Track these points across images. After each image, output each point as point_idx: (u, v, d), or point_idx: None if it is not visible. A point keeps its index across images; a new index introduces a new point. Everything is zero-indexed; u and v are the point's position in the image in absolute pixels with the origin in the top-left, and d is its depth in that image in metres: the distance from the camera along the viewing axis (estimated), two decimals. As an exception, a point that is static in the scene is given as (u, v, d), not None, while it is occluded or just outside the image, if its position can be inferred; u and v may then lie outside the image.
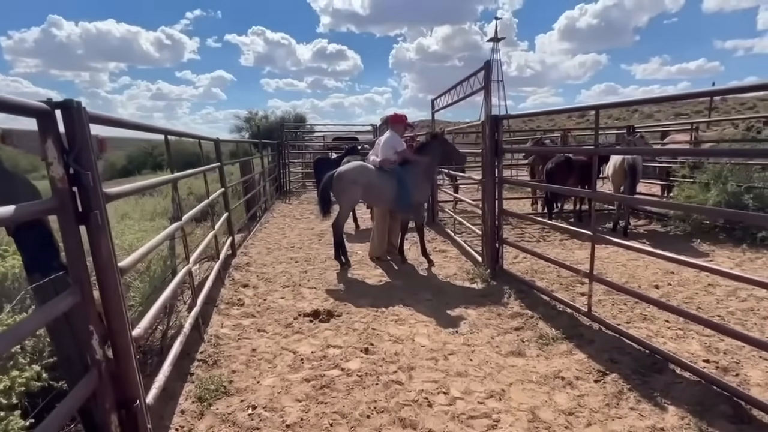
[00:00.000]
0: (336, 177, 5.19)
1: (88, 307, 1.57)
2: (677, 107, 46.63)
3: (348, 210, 5.45)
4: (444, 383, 2.73)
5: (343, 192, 5.18)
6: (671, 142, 9.10)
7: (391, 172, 5.16)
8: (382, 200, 5.32)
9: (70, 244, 1.53)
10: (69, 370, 1.89)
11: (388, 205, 5.35)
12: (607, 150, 6.37)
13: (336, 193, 5.26)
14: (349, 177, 5.14)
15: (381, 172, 5.19)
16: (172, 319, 3.09)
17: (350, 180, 5.13)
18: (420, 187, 5.28)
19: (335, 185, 5.20)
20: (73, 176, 1.53)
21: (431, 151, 5.33)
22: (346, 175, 5.16)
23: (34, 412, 1.97)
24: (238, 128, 36.55)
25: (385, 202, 5.30)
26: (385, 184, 5.12)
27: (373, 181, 5.13)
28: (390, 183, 5.11)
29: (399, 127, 5.45)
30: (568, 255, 5.66)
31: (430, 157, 5.30)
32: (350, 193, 5.17)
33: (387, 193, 5.13)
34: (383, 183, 5.13)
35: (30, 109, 1.40)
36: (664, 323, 3.47)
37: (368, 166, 5.31)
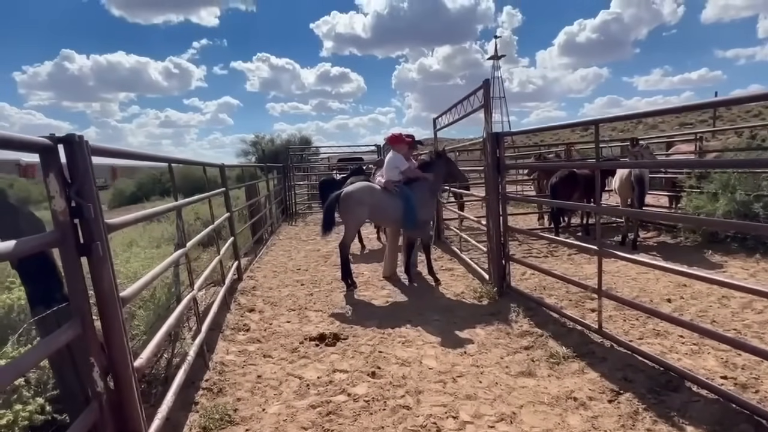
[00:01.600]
0: (343, 197, 5.19)
1: (90, 339, 1.56)
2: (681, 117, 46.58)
3: (354, 230, 5.43)
4: (453, 407, 2.66)
5: (349, 212, 5.18)
6: (676, 152, 9.06)
7: (396, 191, 5.17)
8: (388, 220, 5.34)
9: (71, 276, 1.54)
10: (71, 402, 1.88)
11: (394, 224, 5.36)
12: (609, 164, 6.35)
13: (342, 213, 5.25)
14: (356, 197, 5.15)
15: (387, 192, 5.22)
16: (176, 347, 3.07)
17: (357, 200, 5.14)
18: (425, 205, 5.27)
19: (342, 205, 5.19)
20: (74, 209, 1.55)
21: (435, 169, 5.35)
22: (353, 195, 5.16)
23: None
24: (244, 152, 37.11)
25: (391, 221, 5.32)
26: (390, 203, 5.14)
27: (379, 201, 5.15)
28: (395, 202, 5.12)
29: (400, 146, 5.48)
30: (576, 270, 5.58)
31: (434, 174, 5.31)
32: (357, 213, 5.18)
33: (393, 212, 5.15)
34: (389, 202, 5.14)
35: (33, 145, 1.44)
36: (678, 338, 3.38)
37: (374, 186, 5.32)
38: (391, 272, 5.73)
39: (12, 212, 1.75)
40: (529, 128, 6.38)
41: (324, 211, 5.41)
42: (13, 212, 1.76)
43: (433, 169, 5.34)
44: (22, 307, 2.61)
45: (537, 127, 5.22)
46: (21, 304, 2.61)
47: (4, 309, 2.57)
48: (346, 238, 5.35)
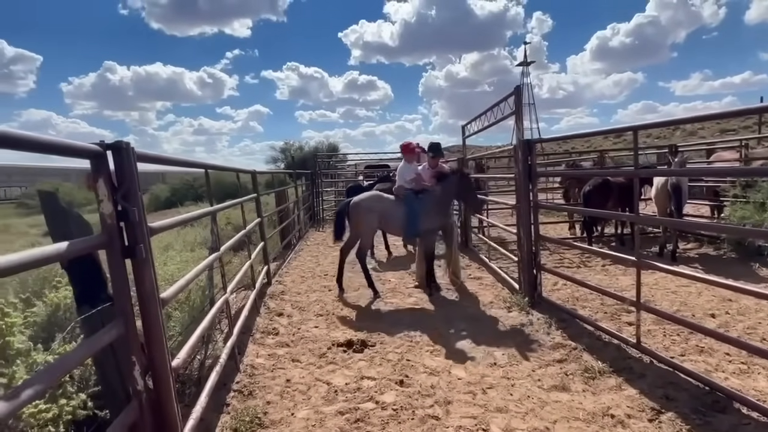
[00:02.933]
0: (352, 206, 5.33)
1: (132, 338, 1.62)
2: (723, 123, 44.49)
3: (368, 238, 5.50)
4: (483, 419, 2.60)
5: (359, 220, 5.29)
6: (718, 160, 8.64)
7: (403, 199, 5.27)
8: (397, 228, 5.38)
9: (116, 278, 1.60)
10: (112, 399, 1.95)
11: (401, 233, 5.44)
12: (647, 172, 6.10)
13: (353, 221, 5.36)
14: (365, 205, 5.28)
15: (396, 200, 5.32)
16: (209, 349, 3.15)
17: (366, 208, 5.25)
18: (430, 216, 5.19)
19: (352, 213, 5.31)
20: (120, 212, 1.62)
21: (449, 184, 5.24)
22: (362, 203, 5.30)
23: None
24: (273, 159, 37.87)
25: (400, 229, 5.37)
26: (398, 211, 5.22)
27: (388, 209, 5.25)
28: (402, 210, 5.21)
29: (409, 156, 5.58)
30: (611, 281, 5.38)
31: (446, 189, 5.22)
32: (367, 221, 5.27)
33: (400, 220, 5.22)
34: (398, 211, 5.22)
35: (85, 151, 1.51)
36: (724, 356, 3.20)
37: (383, 195, 5.45)
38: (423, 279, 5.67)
39: (63, 215, 1.84)
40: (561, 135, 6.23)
41: (335, 219, 5.57)
42: (64, 215, 1.85)
43: (446, 184, 5.24)
44: (68, 306, 2.73)
45: (570, 134, 5.08)
46: (67, 303, 2.74)
47: (52, 307, 2.70)
48: (363, 246, 5.44)
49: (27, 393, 1.07)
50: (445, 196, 5.29)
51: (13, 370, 2.04)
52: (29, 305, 2.70)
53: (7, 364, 2.13)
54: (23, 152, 1.36)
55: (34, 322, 2.61)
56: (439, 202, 5.24)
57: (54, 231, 1.86)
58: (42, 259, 1.24)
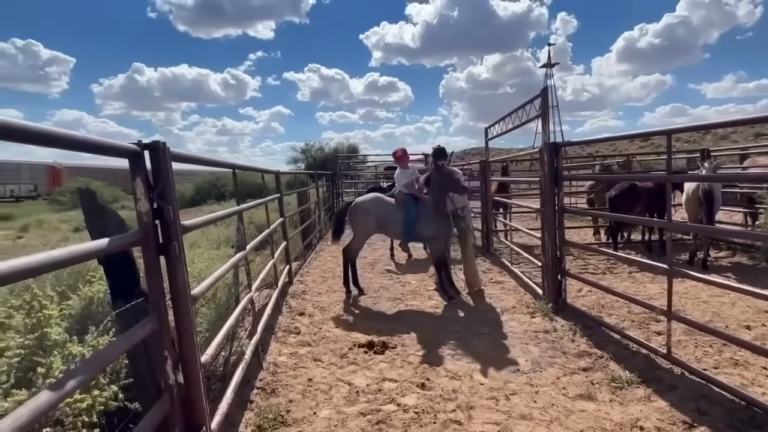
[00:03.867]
0: (352, 207, 5.40)
1: (165, 333, 1.66)
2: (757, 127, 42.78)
3: (362, 239, 5.46)
4: (507, 426, 2.56)
5: (356, 221, 5.34)
6: (753, 165, 8.30)
7: (402, 203, 5.25)
8: (396, 232, 5.38)
9: (151, 274, 1.64)
10: (143, 392, 2.00)
11: (399, 237, 5.44)
12: (680, 177, 5.91)
13: (351, 221, 5.42)
14: (363, 207, 5.32)
15: (396, 204, 5.29)
16: (234, 346, 3.20)
17: (364, 210, 5.30)
18: (429, 221, 5.08)
19: (350, 214, 5.37)
20: (156, 210, 1.66)
21: (435, 183, 5.08)
22: (361, 205, 5.35)
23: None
24: (294, 159, 38.39)
25: (398, 233, 5.37)
26: (397, 215, 5.20)
27: (387, 213, 5.24)
28: (400, 215, 5.19)
29: (403, 162, 5.58)
30: (638, 289, 5.23)
31: (433, 189, 5.07)
32: (364, 223, 5.29)
33: (398, 224, 5.20)
34: (396, 215, 5.21)
35: (124, 150, 1.56)
36: (761, 370, 3.07)
37: (384, 198, 5.40)
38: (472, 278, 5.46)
39: (100, 211, 1.90)
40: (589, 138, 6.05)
41: (335, 219, 5.63)
42: (101, 211, 1.91)
43: (434, 184, 5.09)
44: (100, 300, 2.82)
45: (598, 138, 4.98)
46: (100, 296, 2.83)
47: (86, 301, 2.80)
48: (353, 244, 5.43)
49: (71, 383, 1.11)
50: (437, 198, 5.07)
51: (51, 361, 2.13)
52: (65, 298, 2.80)
53: (44, 354, 2.21)
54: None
55: (69, 314, 2.70)
56: (434, 205, 5.08)
57: (92, 227, 1.93)
58: (86, 255, 1.28)
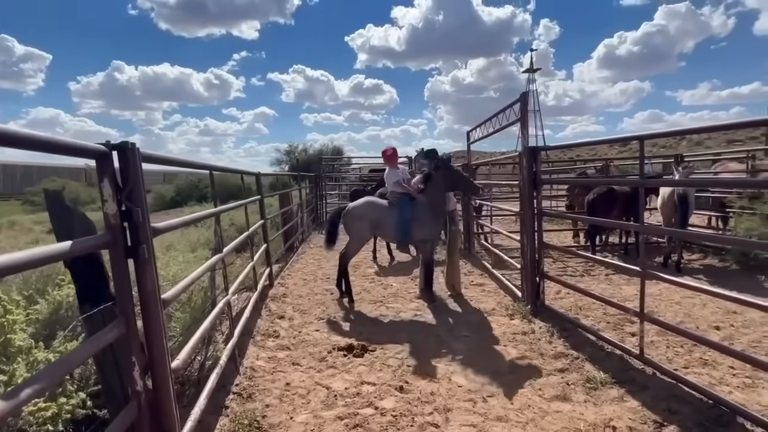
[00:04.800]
0: (345, 213, 5.24)
1: (132, 338, 1.62)
2: (730, 134, 44.27)
3: (357, 245, 5.31)
4: (483, 428, 2.58)
5: (351, 228, 5.20)
6: (724, 171, 8.58)
7: (396, 204, 5.11)
8: (391, 234, 5.23)
9: (118, 277, 1.60)
10: (111, 399, 1.95)
11: (395, 238, 5.23)
12: (654, 181, 6.08)
13: (346, 228, 5.26)
14: (357, 213, 5.16)
15: (390, 207, 5.14)
16: (209, 350, 3.14)
17: (357, 216, 5.13)
18: (424, 222, 4.98)
19: (344, 221, 5.22)
20: (124, 212, 1.62)
21: (436, 182, 5.00)
22: (354, 211, 5.19)
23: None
24: (278, 161, 38.07)
25: (393, 235, 5.21)
26: (391, 217, 5.06)
27: (381, 216, 5.10)
28: (395, 216, 5.06)
29: (392, 162, 5.48)
30: (614, 291, 5.34)
31: (434, 188, 4.99)
32: (359, 229, 5.15)
33: (393, 226, 5.06)
34: (390, 217, 5.07)
35: (90, 151, 1.52)
36: (728, 370, 3.16)
37: (378, 202, 5.28)
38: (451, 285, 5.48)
39: (67, 213, 1.84)
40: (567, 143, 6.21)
41: (327, 226, 5.45)
42: (69, 213, 1.85)
43: (433, 184, 5.00)
44: (69, 304, 2.74)
45: (576, 142, 5.08)
46: (69, 300, 2.75)
47: (54, 305, 2.71)
48: (348, 250, 5.27)
49: (27, 392, 1.07)
50: (436, 197, 5.01)
51: (14, 368, 2.05)
52: (32, 303, 2.71)
53: (8, 361, 2.13)
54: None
55: (36, 319, 2.62)
56: (432, 205, 5.00)
57: (58, 229, 1.87)
58: (47, 258, 1.24)
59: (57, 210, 1.88)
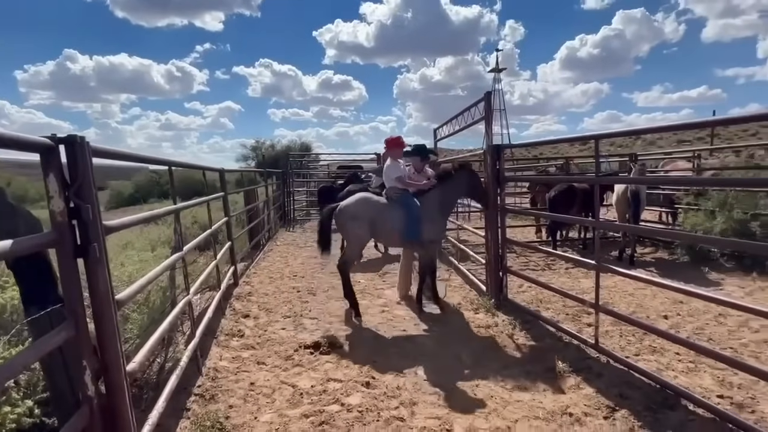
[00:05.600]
0: (337, 213, 4.52)
1: (83, 341, 1.55)
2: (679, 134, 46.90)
3: (357, 248, 4.65)
4: (447, 419, 2.63)
5: (346, 229, 4.52)
6: (674, 169, 9.11)
7: (399, 200, 4.49)
8: (394, 237, 4.57)
9: (67, 278, 1.52)
10: (61, 405, 1.85)
11: (398, 240, 4.60)
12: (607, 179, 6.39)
13: (340, 230, 4.60)
14: (351, 212, 4.45)
15: (389, 203, 4.52)
16: (169, 352, 3.04)
17: (352, 215, 4.44)
18: (434, 221, 4.52)
19: (338, 222, 4.53)
20: (73, 209, 1.54)
21: (455, 183, 4.61)
22: (348, 210, 4.47)
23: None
24: (244, 157, 37.10)
25: (396, 238, 4.55)
26: (395, 216, 4.42)
27: (380, 215, 4.44)
28: (399, 214, 4.42)
29: (396, 151, 4.79)
30: (573, 284, 5.57)
31: (452, 189, 4.63)
32: (355, 231, 4.48)
33: (397, 225, 4.42)
34: (392, 216, 4.42)
35: (34, 145, 1.43)
36: (674, 356, 3.37)
37: (373, 198, 4.61)
38: (406, 292, 5.15)
39: (9, 211, 1.74)
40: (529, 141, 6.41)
41: (319, 229, 4.68)
42: (11, 211, 1.74)
43: (451, 184, 4.60)
44: (15, 307, 2.58)
45: (537, 141, 5.24)
46: (14, 303, 2.58)
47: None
48: (347, 256, 4.63)
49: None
50: (450, 198, 4.69)
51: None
52: (-28, 306, 2.53)
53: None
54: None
55: (-24, 324, 2.45)
56: (443, 205, 4.63)
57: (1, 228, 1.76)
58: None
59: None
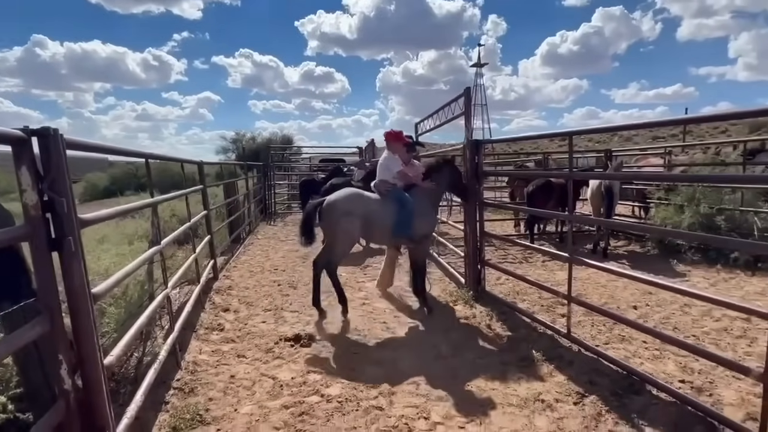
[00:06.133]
0: (325, 209, 4.12)
1: (58, 335, 1.54)
2: (654, 131, 48.25)
3: (345, 247, 4.34)
4: (425, 408, 2.71)
5: (335, 227, 4.13)
6: (646, 165, 9.41)
7: (391, 195, 4.34)
8: (385, 233, 4.35)
9: (41, 272, 1.51)
10: (36, 400, 1.84)
11: (389, 237, 4.43)
12: (581, 174, 6.58)
13: (326, 227, 4.20)
14: (342, 208, 4.10)
15: (382, 199, 4.32)
16: (147, 346, 3.03)
17: (344, 212, 4.10)
18: (425, 216, 4.43)
19: (324, 218, 4.14)
20: (47, 203, 1.53)
21: (441, 178, 4.51)
22: (338, 205, 4.11)
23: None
24: (224, 149, 36.45)
25: (388, 235, 4.36)
26: (387, 212, 4.22)
27: (373, 211, 4.19)
28: (391, 209, 4.25)
29: (396, 145, 4.57)
30: (549, 276, 5.73)
31: (437, 184, 4.52)
32: (346, 228, 4.14)
33: (389, 222, 4.24)
34: (385, 212, 4.22)
35: (4, 136, 1.41)
36: (641, 344, 3.53)
37: (365, 193, 4.37)
38: (387, 287, 5.12)
39: (-20, 204, 1.70)
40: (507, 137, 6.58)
41: (302, 224, 4.29)
42: (-19, 204, 1.71)
43: (438, 178, 4.50)
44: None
45: (515, 136, 5.35)
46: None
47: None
48: (333, 256, 4.25)
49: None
50: (438, 192, 4.63)
51: None
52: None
53: None
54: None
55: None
56: (434, 200, 4.60)
57: (-31, 221, 1.72)
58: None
59: (-33, 200, 1.73)
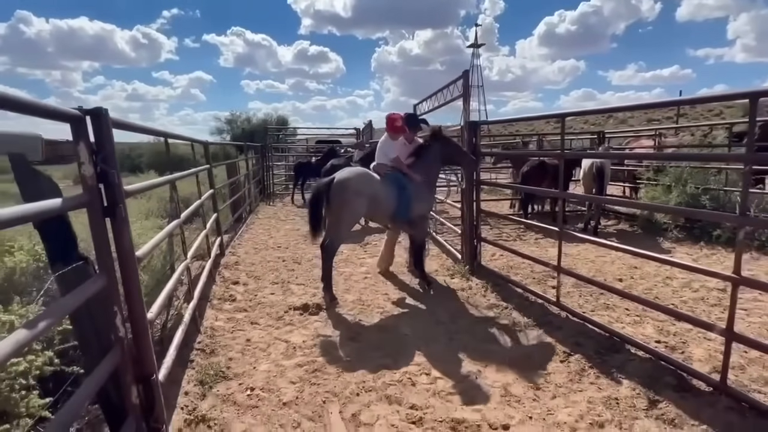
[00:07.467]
0: (336, 186, 4.06)
1: (114, 290, 1.77)
2: (649, 113, 48.40)
3: (348, 228, 4.38)
4: (426, 366, 3.00)
5: (344, 205, 4.09)
6: (638, 147, 9.66)
7: (390, 178, 4.40)
8: (386, 214, 4.47)
9: (97, 235, 1.73)
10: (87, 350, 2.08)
11: (389, 218, 4.55)
12: (571, 154, 6.83)
13: (335, 206, 4.11)
14: (353, 187, 4.10)
15: (384, 181, 4.38)
16: (170, 312, 3.27)
17: (354, 191, 4.10)
18: (422, 197, 4.50)
19: (335, 197, 4.07)
20: (100, 174, 1.74)
21: (431, 154, 4.54)
22: (349, 184, 4.09)
23: (57, 394, 2.16)
24: (219, 130, 36.24)
25: (388, 216, 4.50)
26: (389, 193, 4.32)
27: (378, 192, 4.26)
28: (393, 192, 4.34)
29: (393, 133, 4.61)
30: (542, 253, 6.01)
31: (431, 161, 4.56)
32: (353, 207, 4.14)
33: (391, 203, 4.34)
34: (389, 193, 4.32)
35: (66, 115, 1.61)
36: (624, 311, 3.83)
37: (372, 174, 4.40)
38: (386, 267, 5.21)
39: (34, 177, 1.90)
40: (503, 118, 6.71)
41: (309, 206, 4.23)
42: (35, 177, 1.91)
43: (429, 155, 4.54)
44: (24, 270, 2.74)
45: (510, 118, 5.54)
46: (23, 267, 2.74)
47: (7, 271, 2.70)
48: (336, 238, 4.26)
49: (42, 324, 1.24)
50: (432, 171, 4.65)
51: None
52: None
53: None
54: None
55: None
56: (428, 179, 4.59)
57: (25, 192, 1.93)
58: (39, 213, 1.38)
59: (23, 174, 1.93)
